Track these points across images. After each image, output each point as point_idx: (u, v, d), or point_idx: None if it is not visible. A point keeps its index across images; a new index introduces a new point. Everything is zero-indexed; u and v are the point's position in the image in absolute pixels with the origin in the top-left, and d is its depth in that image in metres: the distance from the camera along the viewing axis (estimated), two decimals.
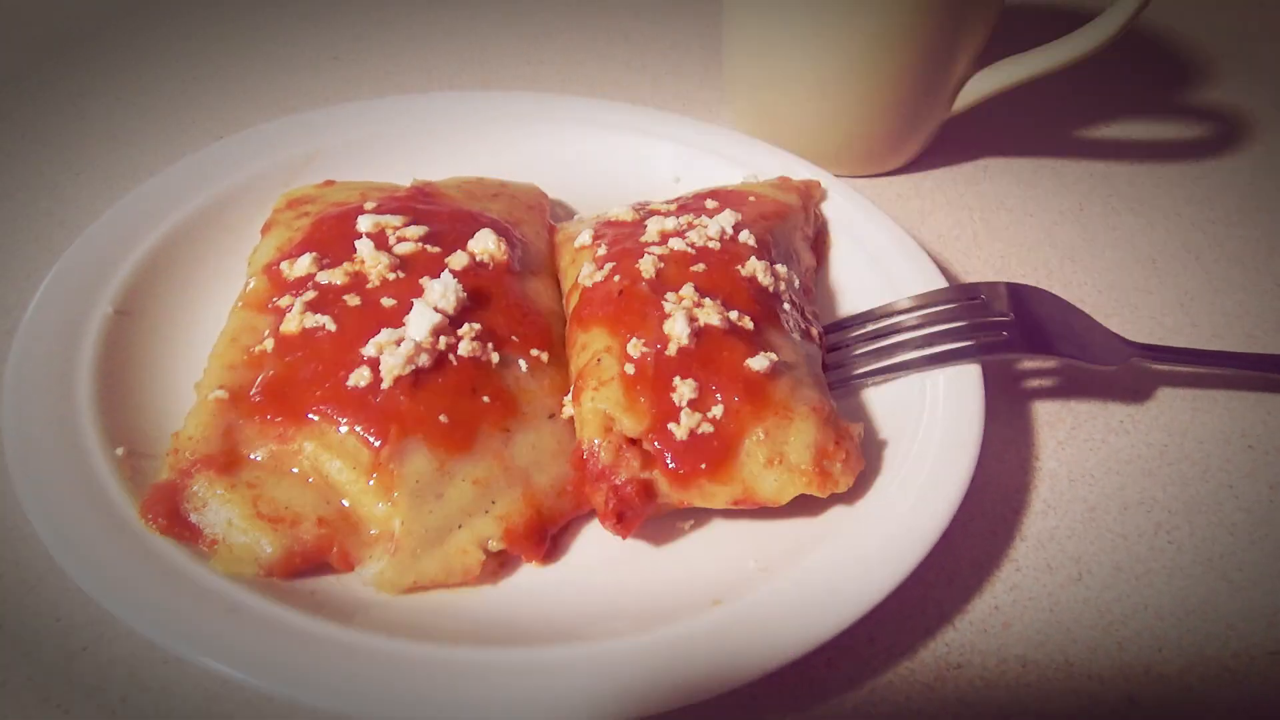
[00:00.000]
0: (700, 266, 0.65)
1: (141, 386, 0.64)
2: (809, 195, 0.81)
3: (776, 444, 0.58)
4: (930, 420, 0.65)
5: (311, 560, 0.55)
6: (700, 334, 0.60)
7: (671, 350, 0.59)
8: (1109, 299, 0.87)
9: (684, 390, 0.58)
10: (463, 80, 1.10)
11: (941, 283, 0.75)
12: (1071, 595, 0.63)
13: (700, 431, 0.58)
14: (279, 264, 0.65)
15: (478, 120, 0.88)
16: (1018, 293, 0.74)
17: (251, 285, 0.66)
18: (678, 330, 0.60)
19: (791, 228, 0.76)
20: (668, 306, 0.61)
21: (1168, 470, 0.72)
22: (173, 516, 0.54)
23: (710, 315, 0.61)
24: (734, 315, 0.62)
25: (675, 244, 0.67)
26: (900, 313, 0.73)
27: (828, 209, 0.83)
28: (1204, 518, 0.69)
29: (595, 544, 0.61)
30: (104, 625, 0.55)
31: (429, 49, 1.15)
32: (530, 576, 0.59)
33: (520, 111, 0.89)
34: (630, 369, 0.59)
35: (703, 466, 0.57)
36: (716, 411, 0.58)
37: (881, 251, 0.78)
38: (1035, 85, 0.91)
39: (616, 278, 0.64)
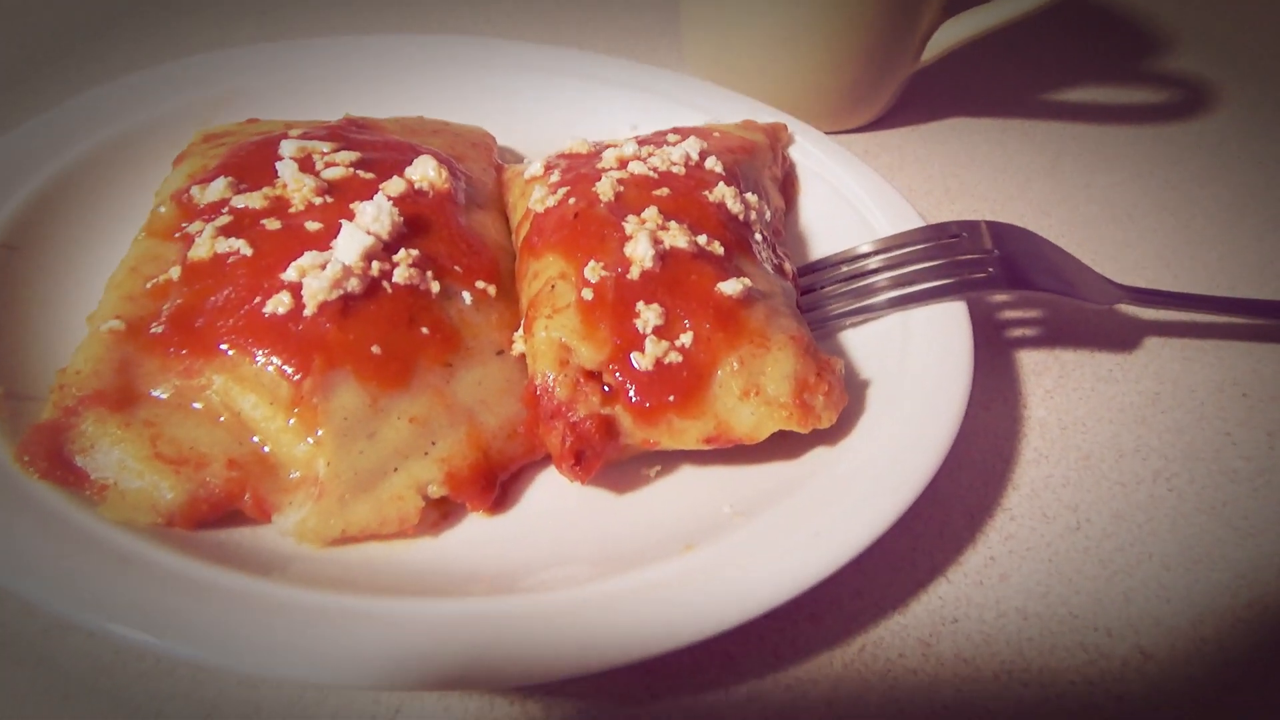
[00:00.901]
0: (664, 190, 0.59)
1: (27, 324, 0.56)
2: (776, 137, 0.76)
3: (752, 374, 0.52)
4: (917, 359, 0.59)
5: (220, 508, 0.47)
6: (666, 257, 0.54)
7: (634, 274, 0.53)
8: (1088, 251, 0.83)
9: (648, 316, 0.52)
10: (408, 26, 1.03)
11: (918, 223, 0.70)
12: (1071, 545, 0.58)
13: (668, 361, 0.51)
14: (189, 189, 0.58)
15: (420, 64, 0.82)
16: (999, 230, 0.69)
17: (161, 212, 0.58)
18: (640, 251, 0.53)
19: (760, 165, 0.71)
20: (629, 228, 0.55)
21: (1162, 418, 0.68)
22: (54, 459, 0.46)
23: (677, 238, 0.55)
24: (702, 240, 0.56)
25: (636, 168, 0.60)
26: (877, 253, 0.67)
27: (795, 153, 0.78)
28: (1203, 465, 0.64)
29: (551, 492, 0.54)
30: None
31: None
32: (477, 527, 0.52)
33: (467, 56, 0.83)
34: (588, 294, 0.53)
35: (670, 399, 0.51)
36: (685, 339, 0.52)
37: (853, 194, 0.73)
38: (1000, 50, 0.88)
39: (571, 200, 0.58)
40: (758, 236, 0.61)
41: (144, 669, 0.46)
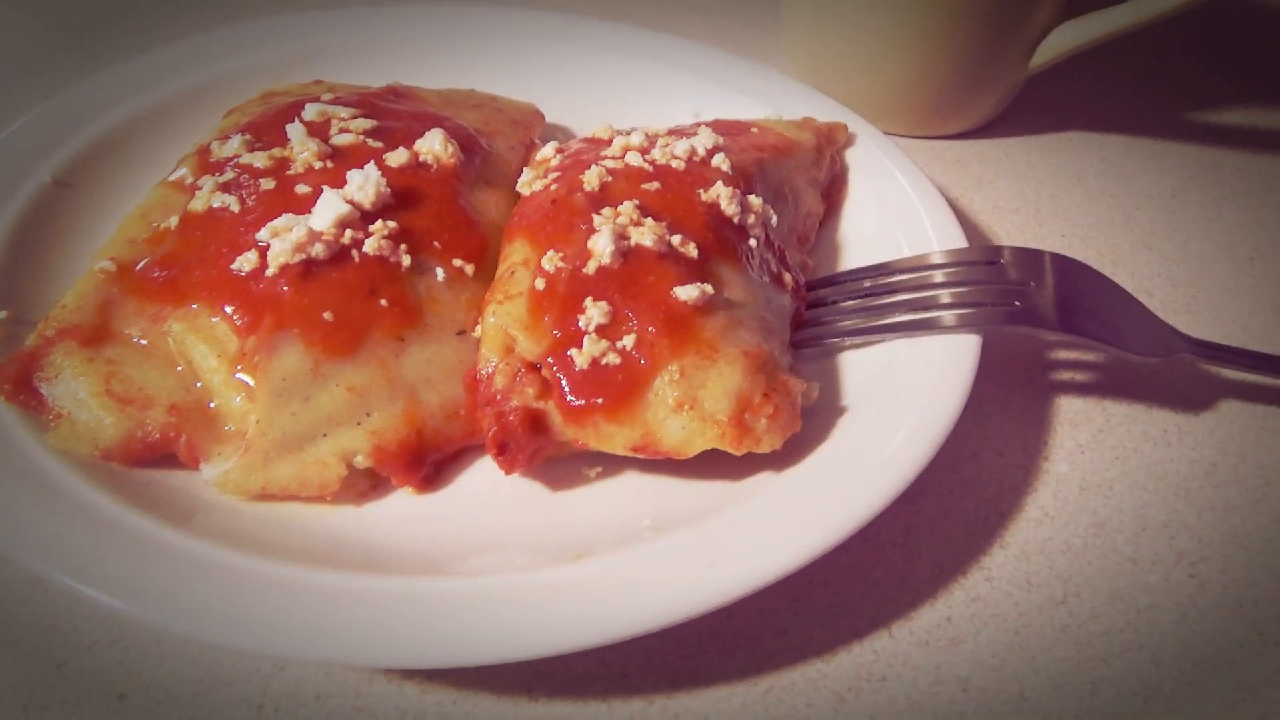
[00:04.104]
0: (654, 185, 0.57)
1: (59, 257, 0.61)
2: (830, 138, 0.72)
3: (692, 386, 0.49)
4: (904, 393, 0.55)
5: (155, 449, 0.50)
6: (629, 254, 0.52)
7: (590, 268, 0.52)
8: (1185, 294, 0.74)
9: (593, 313, 0.50)
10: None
11: (962, 244, 0.64)
12: (1047, 619, 0.52)
13: (604, 362, 0.50)
14: (210, 144, 0.61)
15: (493, 36, 0.82)
16: (1051, 262, 0.62)
17: (181, 163, 0.61)
18: (600, 246, 0.52)
19: (794, 167, 0.67)
20: (598, 221, 0.53)
21: (1211, 494, 0.59)
22: (22, 384, 0.50)
23: (645, 236, 0.53)
24: (676, 240, 0.54)
25: (633, 159, 0.59)
26: (900, 271, 0.62)
27: (853, 156, 0.73)
28: (1244, 555, 0.56)
29: (487, 479, 0.54)
30: None
31: None
32: (402, 503, 0.52)
33: (540, 31, 0.83)
34: (541, 284, 0.52)
35: (599, 401, 0.49)
36: (628, 341, 0.50)
37: (901, 206, 0.68)
38: (1141, 53, 0.79)
39: (553, 187, 0.57)
40: (752, 242, 0.57)
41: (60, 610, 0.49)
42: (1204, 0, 0.74)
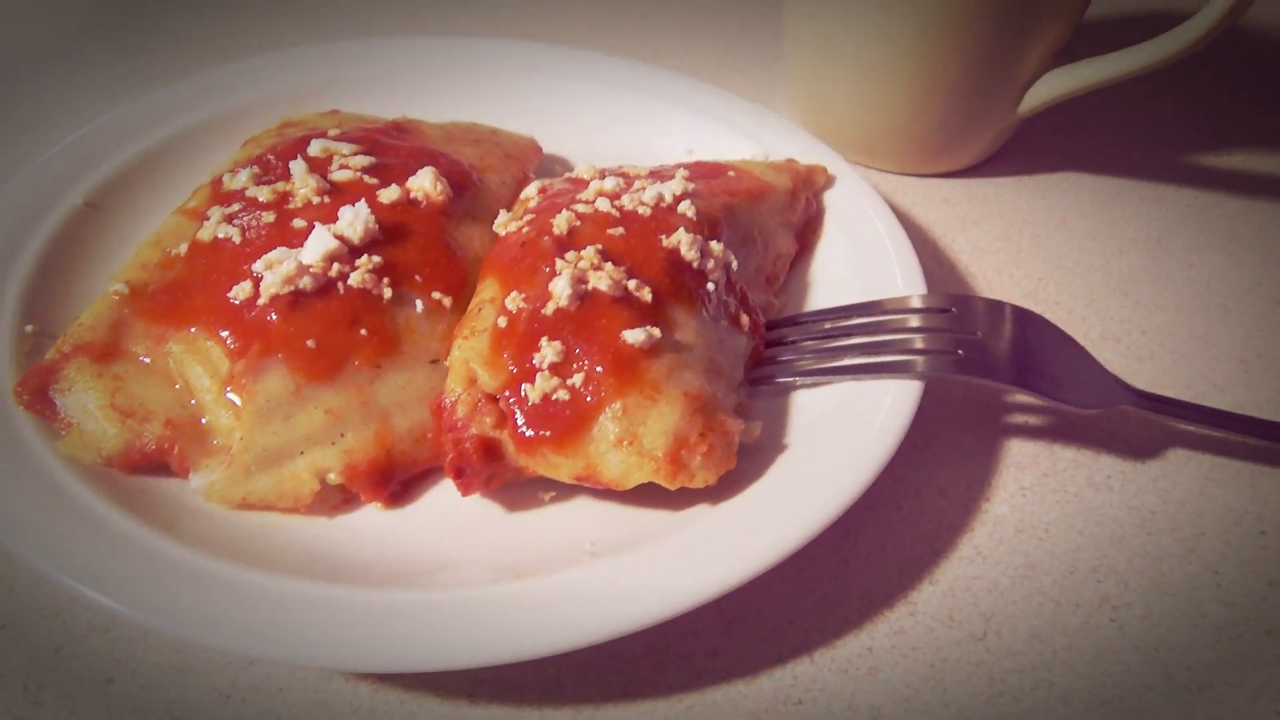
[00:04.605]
0: (618, 230, 0.61)
1: (84, 274, 0.67)
2: (807, 181, 0.75)
3: (633, 423, 0.54)
4: (844, 434, 0.58)
5: (151, 459, 0.56)
6: (585, 297, 0.57)
7: (548, 309, 0.56)
8: (1152, 341, 0.76)
9: (547, 352, 0.55)
10: (515, 31, 1.08)
11: (922, 290, 0.67)
12: (963, 654, 0.55)
13: (555, 397, 0.54)
14: (223, 175, 0.67)
15: (497, 67, 0.87)
16: (1003, 313, 0.65)
17: (196, 192, 0.67)
18: (558, 289, 0.56)
19: (766, 210, 0.70)
20: (560, 265, 0.58)
21: (1144, 541, 0.62)
22: (39, 394, 0.56)
23: (602, 280, 0.57)
24: (633, 284, 0.58)
25: (602, 204, 0.63)
26: (858, 315, 0.66)
27: (831, 198, 0.76)
28: (1169, 603, 0.59)
29: (451, 498, 0.58)
30: None
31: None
32: (370, 517, 0.57)
33: (545, 65, 0.87)
34: (503, 322, 0.57)
35: (547, 434, 0.54)
36: (577, 379, 0.54)
37: (869, 249, 0.71)
38: (1143, 92, 0.80)
39: (525, 230, 0.61)
40: (711, 286, 0.61)
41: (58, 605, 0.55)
42: (1187, 54, 0.76)
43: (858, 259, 0.71)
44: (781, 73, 0.96)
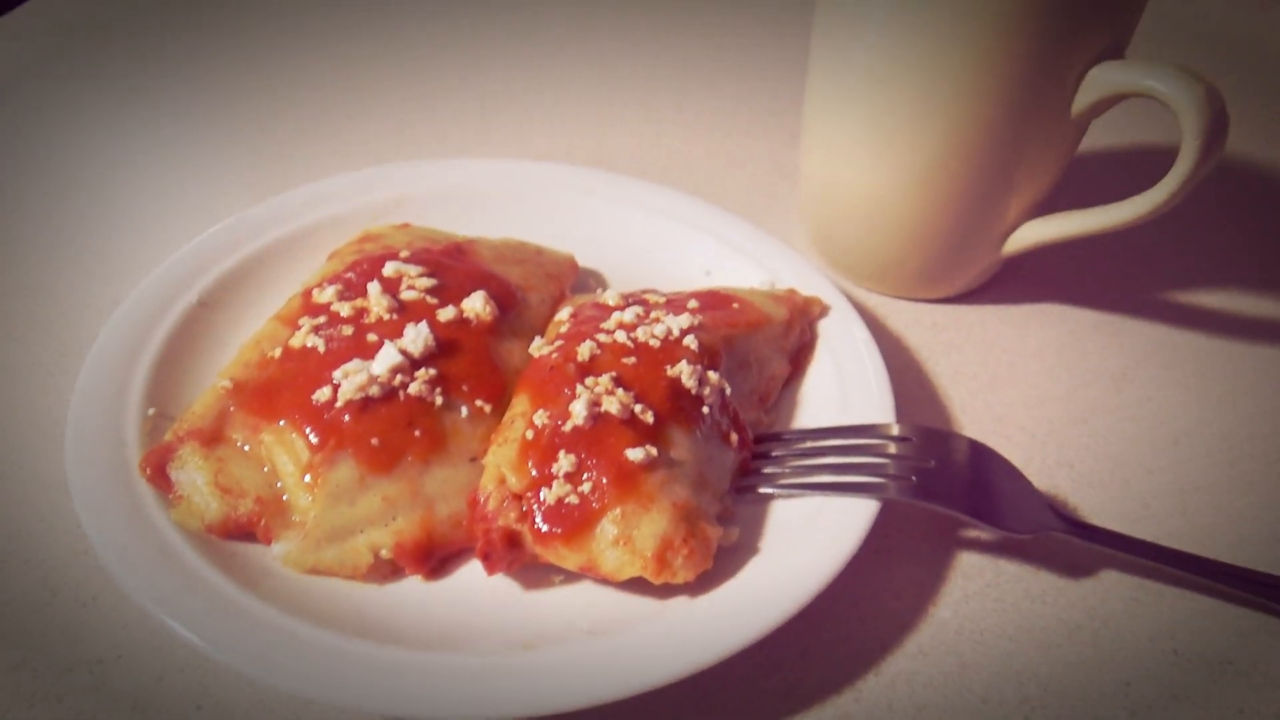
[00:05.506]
0: (631, 360, 0.74)
1: (197, 365, 0.81)
2: (804, 311, 0.87)
3: (629, 527, 0.66)
4: (805, 545, 0.70)
5: (243, 529, 0.69)
6: (598, 418, 0.69)
7: (567, 427, 0.69)
8: (1103, 470, 0.86)
9: (563, 463, 0.67)
10: (574, 155, 1.22)
11: (890, 418, 0.79)
12: None
13: (567, 501, 0.66)
14: (313, 289, 0.81)
15: (543, 188, 1.01)
16: (958, 444, 0.76)
17: (290, 302, 0.82)
18: (576, 411, 0.69)
19: (763, 339, 0.83)
20: (579, 390, 0.70)
21: (1068, 650, 0.72)
22: (159, 470, 0.70)
23: (612, 404, 0.69)
24: (639, 408, 0.70)
25: (620, 336, 0.76)
26: (832, 437, 0.77)
27: (824, 326, 0.88)
28: (1082, 707, 0.69)
29: (480, 575, 0.71)
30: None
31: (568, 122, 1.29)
32: (413, 587, 0.70)
33: (586, 187, 1.01)
34: (529, 434, 0.69)
35: (559, 531, 0.66)
36: (586, 487, 0.67)
37: (851, 376, 0.83)
38: (1129, 236, 0.91)
39: (554, 355, 0.74)
40: (706, 409, 0.74)
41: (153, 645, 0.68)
42: (1157, 214, 0.86)
43: (840, 384, 0.83)
44: (798, 206, 1.09)
